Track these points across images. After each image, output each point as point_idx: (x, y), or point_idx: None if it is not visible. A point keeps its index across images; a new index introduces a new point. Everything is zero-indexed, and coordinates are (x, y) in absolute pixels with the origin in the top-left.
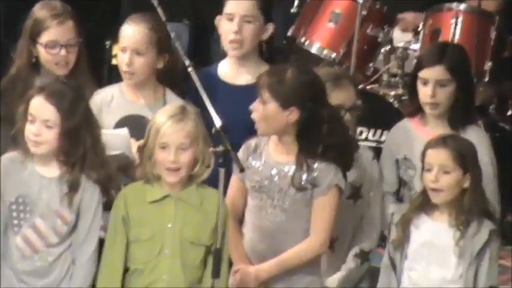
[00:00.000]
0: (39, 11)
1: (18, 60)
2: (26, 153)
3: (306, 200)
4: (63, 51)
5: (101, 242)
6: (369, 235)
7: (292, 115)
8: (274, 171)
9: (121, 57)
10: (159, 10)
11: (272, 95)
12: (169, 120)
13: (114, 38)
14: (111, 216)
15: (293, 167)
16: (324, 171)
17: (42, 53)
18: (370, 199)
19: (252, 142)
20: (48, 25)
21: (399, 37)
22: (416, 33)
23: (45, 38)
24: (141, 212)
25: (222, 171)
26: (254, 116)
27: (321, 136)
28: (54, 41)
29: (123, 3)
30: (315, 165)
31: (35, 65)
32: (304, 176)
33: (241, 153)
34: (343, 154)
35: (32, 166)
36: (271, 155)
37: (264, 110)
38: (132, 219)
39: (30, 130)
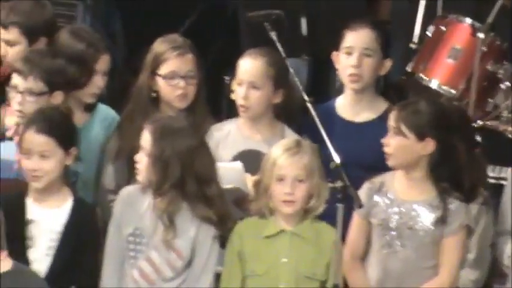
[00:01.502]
0: (159, 45)
1: (137, 94)
2: (144, 186)
3: (435, 238)
4: (182, 83)
5: (217, 277)
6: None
7: (428, 146)
8: (402, 209)
9: (237, 91)
10: (278, 45)
11: (407, 126)
12: (285, 153)
13: (234, 73)
14: (227, 251)
15: (422, 205)
16: (456, 210)
17: (162, 84)
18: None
19: (376, 180)
20: (168, 57)
21: None
22: None
23: (164, 69)
24: (257, 247)
25: (340, 207)
26: (387, 149)
27: (455, 169)
28: (173, 72)
29: (242, 39)
30: (447, 204)
31: (154, 100)
32: (435, 215)
33: (365, 191)
34: (475, 190)
35: (149, 199)
36: (398, 193)
37: (398, 142)
38: (248, 254)
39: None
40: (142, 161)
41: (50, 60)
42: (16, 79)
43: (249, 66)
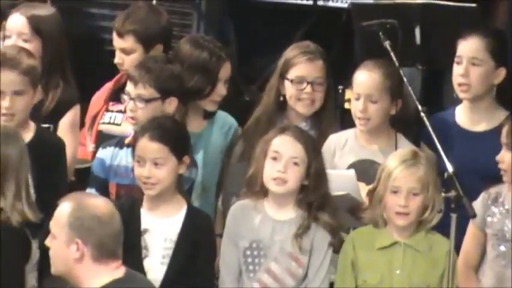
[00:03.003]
0: (291, 50)
1: (266, 98)
2: (258, 197)
3: None
4: (308, 88)
5: (330, 286)
6: None
7: None
8: None
9: (355, 105)
10: (393, 55)
11: None
12: (401, 165)
13: (347, 83)
14: (340, 260)
15: None
16: None
17: (289, 88)
18: None
19: (493, 190)
20: (298, 61)
21: None
22: None
23: (293, 73)
24: (370, 257)
25: (453, 216)
26: (501, 165)
27: None
28: (301, 76)
29: (356, 48)
30: None
31: (282, 104)
32: None
33: (481, 201)
34: None
35: (264, 210)
36: None
37: None
38: (361, 264)
39: (275, 167)
40: (288, 171)
41: (163, 66)
42: (129, 86)
43: (366, 80)
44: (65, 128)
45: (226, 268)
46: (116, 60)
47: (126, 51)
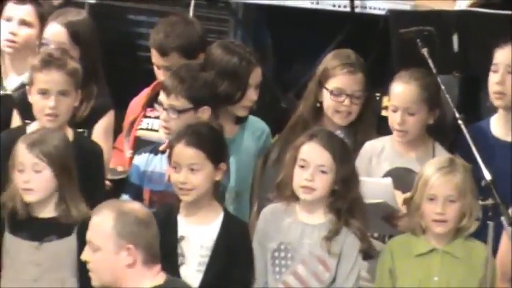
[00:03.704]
0: (332, 58)
1: (303, 104)
2: (289, 202)
3: None
4: (347, 101)
5: None
6: None
7: None
8: None
9: (392, 116)
10: (430, 62)
11: None
12: (437, 172)
13: (384, 90)
14: (378, 268)
15: None
16: None
17: (327, 99)
18: None
19: None
20: (338, 73)
21: None
22: None
23: (332, 84)
24: (408, 265)
25: (491, 225)
26: None
27: None
28: (340, 88)
29: (393, 55)
30: None
31: (318, 110)
32: None
33: None
34: None
35: (295, 214)
36: None
37: None
38: (399, 272)
39: (303, 175)
40: (316, 178)
41: (196, 76)
42: (162, 95)
43: (403, 92)
44: (99, 133)
45: (258, 271)
46: (161, 78)
47: (170, 68)
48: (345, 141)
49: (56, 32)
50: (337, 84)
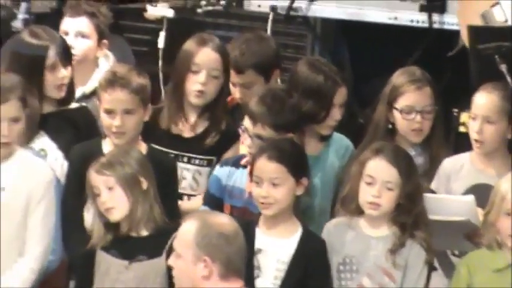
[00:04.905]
0: (398, 77)
1: (375, 125)
2: (353, 214)
3: None
4: (418, 118)
5: None
6: None
7: None
8: None
9: (471, 125)
10: (508, 78)
11: None
12: None
13: (462, 106)
14: (454, 283)
15: None
16: None
17: (398, 118)
18: None
19: None
20: (406, 90)
21: None
22: None
23: (401, 103)
24: (486, 280)
25: None
26: None
27: None
28: (410, 106)
29: (471, 71)
30: None
31: (391, 131)
32: None
33: None
34: None
35: (359, 227)
36: None
37: None
38: (477, 286)
39: (369, 192)
40: (383, 195)
41: (282, 103)
42: (247, 121)
43: (485, 101)
44: None
45: None
46: (238, 96)
47: (246, 85)
48: (409, 154)
49: (211, 58)
50: (407, 102)
